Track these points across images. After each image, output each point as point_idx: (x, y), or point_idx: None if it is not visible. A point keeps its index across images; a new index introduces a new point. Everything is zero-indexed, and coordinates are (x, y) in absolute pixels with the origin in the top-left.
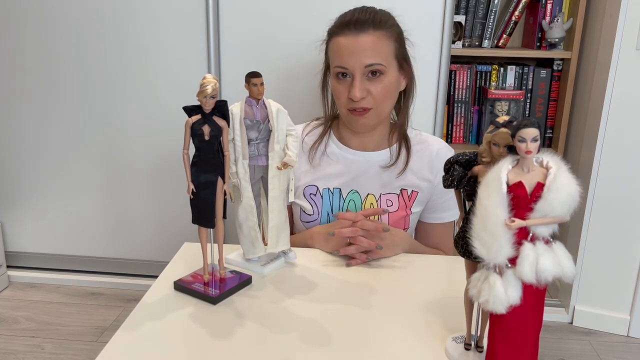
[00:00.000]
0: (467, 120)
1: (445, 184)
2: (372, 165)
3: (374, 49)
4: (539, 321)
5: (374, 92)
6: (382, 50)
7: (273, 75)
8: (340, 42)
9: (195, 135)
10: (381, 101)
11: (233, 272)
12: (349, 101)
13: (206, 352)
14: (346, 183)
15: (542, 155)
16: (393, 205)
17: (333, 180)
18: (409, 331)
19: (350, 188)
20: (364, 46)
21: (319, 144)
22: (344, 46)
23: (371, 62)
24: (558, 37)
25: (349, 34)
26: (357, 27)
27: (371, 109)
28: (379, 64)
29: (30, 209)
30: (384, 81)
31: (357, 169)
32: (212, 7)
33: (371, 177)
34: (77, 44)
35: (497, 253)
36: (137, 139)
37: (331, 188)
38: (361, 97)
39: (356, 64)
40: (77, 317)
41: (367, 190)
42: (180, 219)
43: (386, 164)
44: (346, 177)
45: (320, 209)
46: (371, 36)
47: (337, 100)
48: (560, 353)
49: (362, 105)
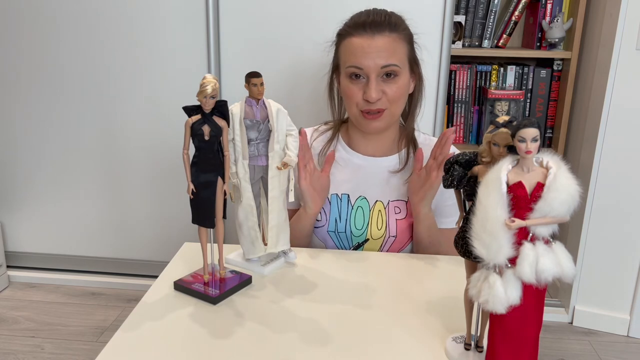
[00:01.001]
0: (467, 120)
1: (445, 184)
2: (380, 171)
3: (389, 50)
4: (539, 321)
5: (389, 93)
6: (397, 52)
7: (273, 76)
8: (354, 43)
9: (195, 135)
10: (394, 103)
11: (233, 272)
12: (364, 103)
13: (206, 352)
14: (354, 189)
15: (542, 155)
16: (401, 212)
17: (341, 186)
18: (408, 331)
19: (359, 194)
20: (380, 47)
21: (327, 148)
22: (359, 47)
23: (387, 63)
24: (558, 37)
25: (365, 34)
26: (372, 28)
27: (385, 111)
28: (395, 65)
29: (30, 209)
30: (398, 82)
31: (365, 175)
32: (212, 7)
33: (380, 183)
34: (77, 44)
35: (497, 253)
36: (137, 138)
37: (339, 194)
38: (377, 98)
39: (372, 64)
40: (77, 317)
41: (376, 196)
42: (180, 219)
43: (395, 169)
44: (354, 183)
45: (328, 215)
46: (387, 38)
47: (349, 100)
48: (560, 353)
49: (378, 106)
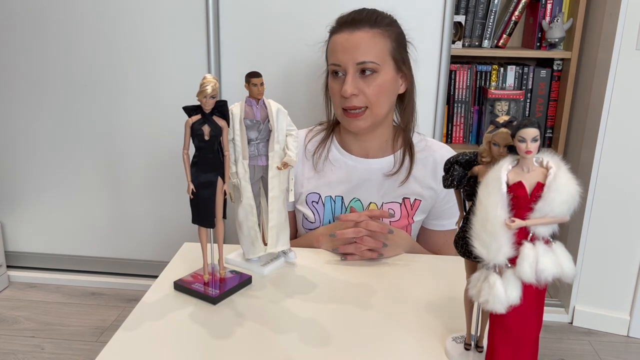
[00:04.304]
0: (467, 120)
1: (445, 184)
2: (374, 172)
3: (367, 46)
4: (539, 321)
5: (366, 91)
6: (375, 48)
7: (273, 76)
8: (335, 40)
9: (195, 135)
10: (375, 101)
11: (233, 272)
12: (342, 99)
13: (206, 352)
14: (348, 191)
15: (542, 155)
16: (395, 214)
17: (335, 187)
18: (408, 331)
19: (352, 196)
20: (357, 43)
21: (321, 149)
22: (338, 43)
23: (363, 59)
24: (558, 37)
25: (345, 31)
26: (352, 24)
27: (366, 110)
28: (372, 62)
29: (30, 209)
30: (377, 80)
31: (359, 177)
32: (212, 7)
33: (373, 185)
34: (77, 45)
35: (497, 253)
36: (137, 138)
37: (333, 196)
38: (352, 94)
39: (348, 60)
40: (77, 317)
41: (370, 198)
42: (180, 219)
43: (389, 171)
44: (348, 185)
45: (322, 216)
46: (365, 33)
47: (333, 99)
48: (560, 353)
49: (354, 103)
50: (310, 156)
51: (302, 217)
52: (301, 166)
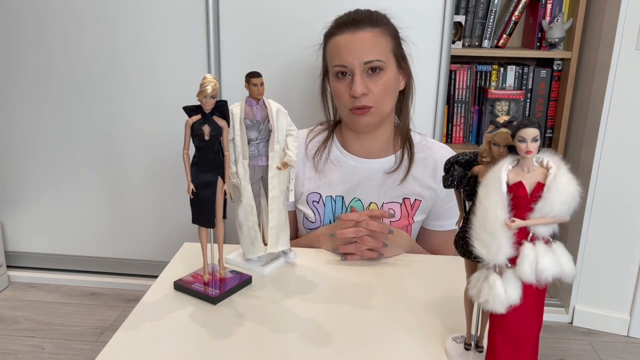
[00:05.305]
0: (467, 120)
1: (445, 184)
2: (375, 172)
3: (372, 45)
4: (539, 321)
5: (374, 89)
6: (380, 47)
7: (273, 76)
8: (338, 41)
9: (195, 135)
10: (382, 98)
11: (233, 272)
12: (351, 100)
13: (206, 352)
14: (349, 191)
15: (542, 155)
16: (395, 215)
17: (336, 187)
18: (408, 331)
19: (353, 196)
20: (362, 43)
21: (322, 149)
22: (342, 44)
23: (370, 58)
24: (558, 37)
25: (347, 32)
26: (354, 25)
27: (372, 108)
28: (379, 60)
29: (30, 209)
30: (383, 77)
31: (359, 177)
32: (212, 7)
33: (374, 185)
34: (77, 44)
35: (497, 253)
36: (137, 138)
37: (334, 196)
38: (362, 93)
39: (355, 61)
40: (77, 317)
41: (370, 198)
42: (180, 219)
43: (390, 169)
44: (349, 185)
45: (323, 216)
46: (369, 33)
47: (338, 100)
48: (560, 353)
49: (364, 102)
50: (312, 156)
51: (303, 217)
52: (302, 166)
